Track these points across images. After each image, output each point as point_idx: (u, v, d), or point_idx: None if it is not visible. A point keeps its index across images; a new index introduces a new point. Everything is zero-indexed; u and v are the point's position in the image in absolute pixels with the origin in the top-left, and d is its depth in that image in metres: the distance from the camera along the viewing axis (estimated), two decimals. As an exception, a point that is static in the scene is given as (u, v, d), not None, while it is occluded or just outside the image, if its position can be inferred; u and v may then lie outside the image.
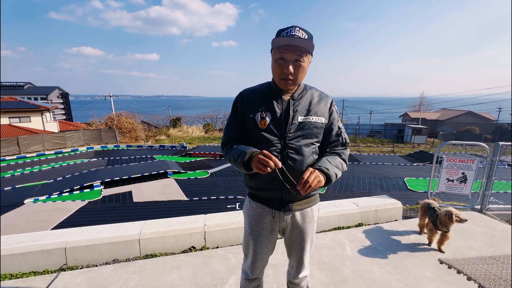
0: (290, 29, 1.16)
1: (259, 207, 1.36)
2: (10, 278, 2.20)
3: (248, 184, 1.38)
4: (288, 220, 1.35)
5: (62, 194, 10.07)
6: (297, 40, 1.14)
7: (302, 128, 1.25)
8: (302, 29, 1.17)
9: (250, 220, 1.40)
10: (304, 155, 1.25)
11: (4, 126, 22.21)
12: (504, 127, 32.67)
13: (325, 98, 1.33)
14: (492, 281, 1.58)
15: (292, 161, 1.24)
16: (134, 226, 2.72)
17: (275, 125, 1.24)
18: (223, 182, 11.78)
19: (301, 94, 1.29)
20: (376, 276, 2.18)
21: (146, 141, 25.82)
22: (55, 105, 35.94)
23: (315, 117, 1.27)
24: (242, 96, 1.32)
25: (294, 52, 1.16)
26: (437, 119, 40.51)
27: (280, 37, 1.17)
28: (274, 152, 1.23)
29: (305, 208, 1.36)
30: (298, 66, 1.19)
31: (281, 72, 1.20)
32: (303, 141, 1.25)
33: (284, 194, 1.28)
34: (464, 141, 3.98)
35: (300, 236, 1.40)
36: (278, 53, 1.19)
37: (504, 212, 3.50)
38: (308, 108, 1.27)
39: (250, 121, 1.27)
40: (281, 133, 1.24)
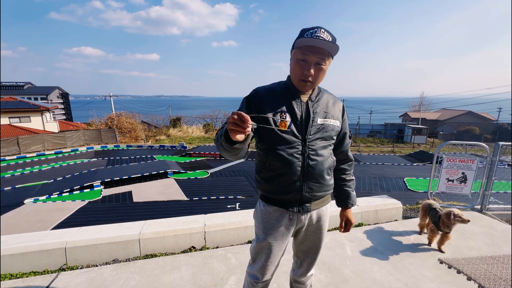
0: (315, 30, 1.12)
1: (276, 210, 1.31)
2: (10, 278, 2.20)
3: (264, 188, 1.32)
4: (304, 220, 1.34)
5: (62, 194, 10.07)
6: (322, 42, 1.11)
7: (322, 130, 1.25)
8: (327, 31, 1.14)
9: (265, 225, 1.34)
10: (324, 155, 1.26)
11: (4, 126, 22.21)
12: (504, 127, 32.67)
13: (338, 102, 1.34)
14: (492, 281, 1.58)
15: (314, 162, 1.24)
16: (134, 226, 2.72)
17: (296, 126, 1.22)
18: (223, 182, 11.77)
19: (318, 96, 1.28)
20: (376, 276, 2.18)
21: (146, 141, 25.82)
22: (55, 105, 35.94)
23: (332, 120, 1.28)
24: (258, 94, 1.26)
25: (317, 54, 1.13)
26: (437, 119, 40.50)
27: (304, 37, 1.13)
28: (296, 153, 1.21)
29: (321, 206, 1.37)
30: (319, 69, 1.17)
31: (301, 73, 1.17)
32: (322, 143, 1.26)
33: (304, 195, 1.26)
34: (464, 141, 3.98)
35: (315, 235, 1.40)
36: (300, 53, 1.16)
37: (504, 212, 3.50)
38: (325, 110, 1.27)
39: (268, 122, 1.20)
40: (302, 135, 1.22)
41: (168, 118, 38.96)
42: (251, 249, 1.43)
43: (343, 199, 1.46)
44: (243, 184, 11.47)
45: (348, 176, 1.46)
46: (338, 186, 1.45)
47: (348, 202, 1.45)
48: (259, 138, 1.28)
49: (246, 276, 1.48)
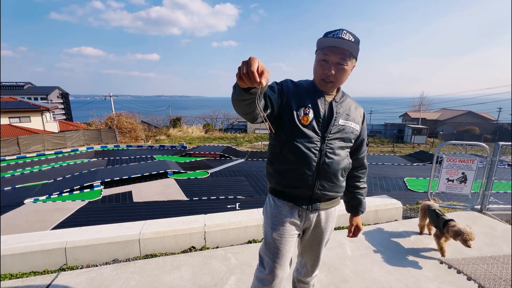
0: (337, 32, 1.14)
1: (285, 204, 1.31)
2: (10, 278, 2.20)
3: (276, 180, 1.31)
4: (312, 219, 1.34)
5: (62, 194, 10.06)
6: (342, 42, 1.12)
7: (342, 131, 1.26)
8: (350, 33, 1.15)
9: (273, 220, 1.32)
10: (341, 156, 1.27)
11: (4, 126, 22.21)
12: (504, 127, 32.67)
13: (359, 108, 1.36)
14: (492, 281, 1.58)
15: (330, 160, 1.24)
16: (134, 226, 2.72)
17: (317, 123, 1.23)
18: (223, 182, 11.77)
19: (342, 98, 1.30)
20: (376, 276, 2.18)
21: (146, 141, 25.82)
22: (55, 105, 35.94)
23: (353, 123, 1.29)
24: (288, 84, 1.27)
25: (338, 54, 1.15)
26: (437, 119, 40.51)
27: (326, 38, 1.15)
28: (313, 149, 1.22)
29: (330, 207, 1.37)
30: (340, 69, 1.18)
31: (322, 73, 1.19)
32: (340, 144, 1.27)
33: (316, 192, 1.27)
34: (464, 141, 3.98)
35: (321, 236, 1.40)
36: (321, 54, 1.18)
37: (504, 212, 3.50)
38: (348, 113, 1.29)
39: (291, 114, 1.21)
40: (322, 132, 1.23)
41: (168, 118, 38.98)
42: (260, 250, 1.40)
43: (354, 205, 1.48)
44: (243, 184, 11.46)
45: (362, 184, 1.47)
46: (350, 193, 1.46)
47: (359, 209, 1.48)
48: (277, 129, 1.26)
49: (254, 280, 1.40)
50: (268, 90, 1.14)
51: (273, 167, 1.30)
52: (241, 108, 1.00)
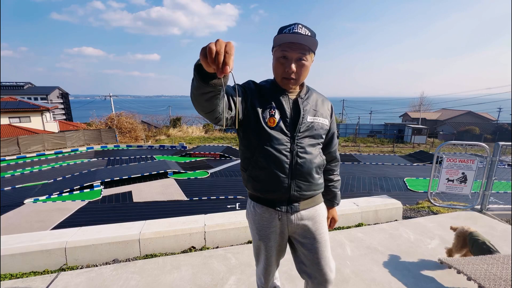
0: (293, 26, 1.11)
1: (265, 211, 1.28)
2: (10, 278, 2.20)
3: (251, 185, 1.28)
4: (296, 222, 1.28)
5: (62, 194, 10.07)
6: (300, 38, 1.08)
7: (311, 128, 1.22)
8: (305, 27, 1.12)
9: (257, 226, 1.31)
10: (313, 154, 1.24)
11: (4, 126, 22.21)
12: (504, 127, 32.67)
13: (326, 101, 1.32)
14: (492, 281, 1.58)
15: (302, 160, 1.21)
16: (134, 226, 2.72)
17: (284, 123, 1.19)
18: (223, 182, 11.77)
19: (307, 94, 1.26)
20: (376, 276, 2.18)
21: (146, 141, 25.81)
22: (55, 105, 35.94)
23: (322, 118, 1.26)
24: (251, 85, 1.23)
25: (297, 50, 1.11)
26: (437, 119, 40.50)
27: (282, 34, 1.11)
28: (284, 151, 1.19)
29: (312, 206, 1.32)
30: (301, 65, 1.15)
31: (283, 71, 1.16)
32: (311, 141, 1.24)
33: (293, 194, 1.23)
34: (464, 141, 3.98)
35: (315, 241, 1.30)
36: (279, 51, 1.14)
37: (504, 212, 3.50)
38: (315, 108, 1.25)
39: (257, 117, 1.17)
40: (291, 132, 1.20)
41: (168, 118, 38.97)
42: (253, 250, 1.45)
43: (329, 199, 1.49)
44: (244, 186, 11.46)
45: (336, 177, 1.47)
46: (326, 186, 1.45)
47: (334, 201, 1.50)
48: (244, 134, 1.22)
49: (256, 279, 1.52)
50: (231, 90, 1.09)
51: (247, 173, 1.27)
52: (200, 104, 0.91)
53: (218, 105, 0.92)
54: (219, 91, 0.87)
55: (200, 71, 0.81)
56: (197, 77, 0.82)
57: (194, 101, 0.91)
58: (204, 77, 0.81)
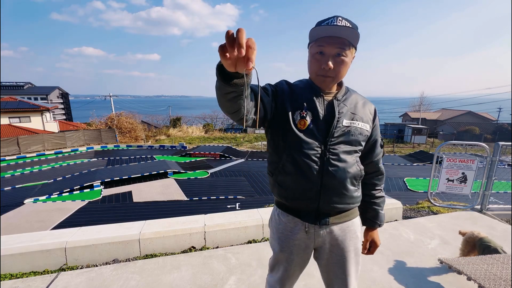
0: (332, 19, 0.99)
1: (290, 220, 1.17)
2: (10, 278, 2.20)
3: (277, 192, 1.18)
4: (324, 236, 1.16)
5: (62, 194, 10.07)
6: (339, 30, 0.97)
7: (347, 133, 1.09)
8: (346, 19, 1.00)
9: (280, 235, 1.20)
10: (348, 162, 1.10)
11: (4, 126, 22.21)
12: (504, 127, 32.68)
13: (368, 104, 1.18)
14: (492, 281, 1.58)
15: (334, 168, 1.08)
16: (134, 226, 2.72)
17: (316, 127, 1.07)
18: (223, 182, 11.77)
19: (345, 95, 1.13)
20: (376, 276, 2.18)
21: (146, 141, 25.82)
22: (55, 105, 35.95)
23: (361, 123, 1.12)
24: (283, 85, 1.13)
25: (335, 44, 1.00)
26: (437, 119, 40.51)
27: (319, 27, 1.00)
28: (313, 156, 1.07)
29: (344, 221, 1.18)
30: (339, 62, 1.03)
31: (318, 68, 1.04)
32: (346, 148, 1.10)
33: (322, 205, 1.11)
34: (464, 141, 3.98)
35: (342, 257, 1.18)
36: (316, 46, 1.03)
37: (504, 212, 3.50)
38: (353, 112, 1.12)
39: (286, 118, 1.07)
40: (323, 137, 1.07)
41: (168, 118, 38.99)
42: (270, 260, 1.31)
43: (369, 218, 1.29)
44: (243, 184, 11.47)
45: (378, 192, 1.27)
46: (365, 202, 1.27)
47: (376, 222, 1.28)
48: (272, 136, 1.14)
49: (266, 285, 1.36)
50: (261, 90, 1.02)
51: (274, 178, 1.17)
52: (224, 105, 0.86)
53: (242, 106, 0.85)
54: (242, 91, 0.81)
55: (221, 71, 0.76)
56: (218, 77, 0.78)
57: (218, 101, 0.87)
58: (226, 77, 0.76)
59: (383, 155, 1.28)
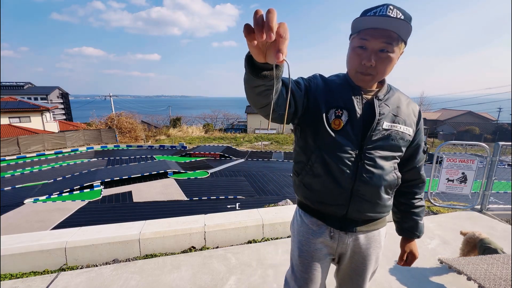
0: (381, 8, 0.86)
1: (314, 223, 1.09)
2: (10, 278, 2.20)
3: (302, 193, 1.10)
4: (348, 243, 1.08)
5: (62, 194, 10.06)
6: (387, 22, 0.85)
7: (387, 137, 0.99)
8: (398, 8, 0.86)
9: (301, 239, 1.12)
10: (385, 169, 1.00)
11: (4, 126, 22.22)
12: (504, 127, 32.68)
13: (412, 104, 1.06)
14: (492, 281, 1.58)
15: (369, 175, 0.99)
16: (134, 226, 2.72)
17: (352, 128, 0.97)
18: (223, 182, 11.77)
19: (388, 95, 1.02)
20: (376, 276, 2.17)
21: (146, 141, 25.82)
22: (55, 105, 35.95)
23: (403, 126, 1.01)
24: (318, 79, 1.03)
25: (380, 38, 0.88)
26: (437, 119, 40.52)
27: (364, 17, 0.88)
28: (347, 160, 0.98)
29: (372, 230, 1.10)
30: (383, 58, 0.91)
31: (358, 64, 0.94)
32: (383, 153, 1.00)
33: (351, 212, 1.03)
34: (464, 141, 3.98)
35: (362, 265, 1.12)
36: (358, 39, 0.92)
37: (504, 212, 3.50)
38: (395, 113, 1.01)
39: (319, 117, 0.98)
40: (359, 140, 0.98)
41: (168, 118, 39.00)
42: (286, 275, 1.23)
43: (407, 228, 1.19)
44: (243, 184, 11.47)
45: (418, 201, 1.17)
46: (402, 212, 1.19)
47: (415, 233, 1.18)
48: (302, 134, 1.05)
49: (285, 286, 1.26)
50: (292, 85, 0.92)
51: (299, 178, 1.09)
52: (252, 98, 0.79)
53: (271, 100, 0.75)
54: (272, 85, 0.72)
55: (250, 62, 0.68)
56: (247, 68, 0.70)
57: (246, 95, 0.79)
58: (255, 69, 0.68)
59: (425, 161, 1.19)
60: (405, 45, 0.94)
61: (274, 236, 2.86)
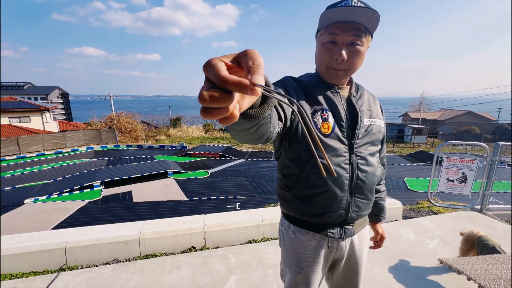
0: (346, 1, 0.84)
1: (310, 238, 1.03)
2: (10, 278, 2.21)
3: (296, 208, 1.02)
4: (345, 248, 1.07)
5: (62, 194, 10.06)
6: (356, 13, 0.82)
7: (370, 133, 1.00)
8: (361, 1, 0.86)
9: (298, 256, 1.06)
10: (374, 165, 1.02)
11: (4, 126, 22.21)
12: (504, 127, 32.68)
13: (376, 99, 1.10)
14: (492, 281, 1.58)
15: (364, 174, 0.99)
16: (134, 226, 2.72)
17: (340, 129, 0.95)
18: (223, 182, 11.77)
19: (359, 91, 1.03)
20: (376, 276, 2.17)
21: (146, 141, 25.81)
22: (55, 105, 35.95)
23: (378, 120, 1.03)
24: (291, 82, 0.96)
25: (350, 31, 0.86)
26: (437, 119, 40.51)
27: (331, 10, 0.85)
28: (343, 163, 0.95)
29: (362, 228, 1.13)
30: (354, 52, 0.89)
31: (330, 59, 0.91)
32: (370, 149, 1.01)
33: (350, 215, 1.02)
34: (464, 141, 3.98)
35: (357, 265, 1.13)
36: (326, 34, 0.89)
37: (504, 212, 3.50)
38: (369, 109, 1.02)
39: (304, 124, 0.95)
40: (349, 140, 0.96)
41: (168, 118, 38.99)
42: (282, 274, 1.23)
43: (375, 213, 1.24)
44: (243, 184, 11.46)
45: (382, 187, 1.23)
46: None
47: (381, 216, 1.26)
48: (291, 145, 0.97)
49: None
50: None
51: (292, 193, 1.01)
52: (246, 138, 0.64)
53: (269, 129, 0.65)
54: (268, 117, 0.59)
55: None
56: None
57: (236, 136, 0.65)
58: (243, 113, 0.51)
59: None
60: (371, 38, 0.93)
61: (274, 236, 2.86)
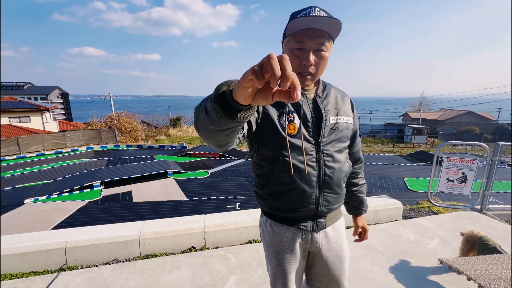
0: (309, 10, 0.91)
1: (285, 230, 1.10)
2: (10, 278, 2.21)
3: (270, 204, 1.10)
4: (319, 240, 1.13)
5: (62, 194, 10.06)
6: (320, 21, 0.89)
7: (336, 130, 1.06)
8: (323, 10, 0.92)
9: (276, 249, 1.13)
10: (341, 161, 1.08)
11: (4, 126, 22.21)
12: (504, 127, 32.67)
13: (345, 96, 1.15)
14: (492, 281, 1.58)
15: (331, 170, 1.05)
16: (134, 226, 2.72)
17: (306, 129, 1.02)
18: (223, 182, 11.77)
19: (326, 91, 1.09)
20: (376, 276, 2.17)
21: (146, 141, 25.81)
22: (55, 105, 35.95)
23: (345, 117, 1.09)
24: None
25: (315, 39, 0.92)
26: (437, 119, 40.50)
27: (296, 19, 0.90)
28: (310, 161, 1.02)
29: (336, 220, 1.19)
30: (320, 57, 0.96)
31: (299, 65, 0.96)
32: (337, 146, 1.07)
33: (320, 209, 1.08)
34: (464, 141, 3.98)
35: (337, 258, 1.17)
36: (293, 41, 0.95)
37: (504, 212, 3.50)
38: (336, 107, 1.08)
39: (272, 125, 0.99)
40: (315, 139, 1.02)
41: (168, 118, 38.97)
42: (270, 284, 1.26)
43: (355, 206, 1.32)
44: (243, 184, 11.46)
45: (361, 180, 1.30)
46: (349, 192, 1.30)
47: (362, 208, 1.32)
48: (260, 147, 1.04)
49: None
50: None
51: (265, 191, 1.09)
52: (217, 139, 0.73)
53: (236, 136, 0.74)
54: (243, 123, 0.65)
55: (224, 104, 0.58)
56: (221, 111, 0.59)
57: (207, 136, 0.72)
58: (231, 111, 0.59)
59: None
60: (333, 43, 1.00)
61: (274, 236, 2.86)
